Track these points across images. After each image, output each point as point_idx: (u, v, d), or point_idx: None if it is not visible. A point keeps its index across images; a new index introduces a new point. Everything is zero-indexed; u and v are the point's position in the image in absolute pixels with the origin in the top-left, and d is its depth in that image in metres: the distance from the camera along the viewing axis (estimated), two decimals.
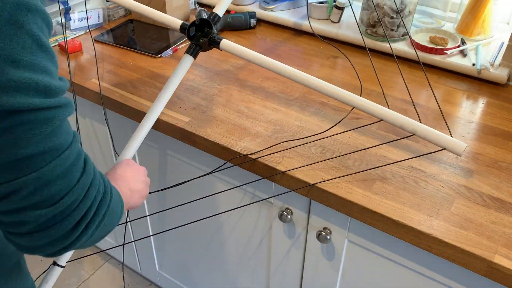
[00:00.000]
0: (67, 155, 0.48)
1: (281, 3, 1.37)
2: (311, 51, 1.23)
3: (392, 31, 1.18)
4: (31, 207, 0.47)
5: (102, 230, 0.55)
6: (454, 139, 0.73)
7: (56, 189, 0.47)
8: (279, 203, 0.95)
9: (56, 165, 0.47)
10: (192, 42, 0.85)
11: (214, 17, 0.88)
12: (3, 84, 0.42)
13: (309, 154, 0.87)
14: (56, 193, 0.47)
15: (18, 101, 0.42)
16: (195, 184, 1.11)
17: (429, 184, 0.80)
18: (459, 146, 0.72)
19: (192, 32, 0.85)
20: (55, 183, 0.47)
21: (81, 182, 0.50)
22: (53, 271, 0.84)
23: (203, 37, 0.84)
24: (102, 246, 1.68)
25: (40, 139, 0.45)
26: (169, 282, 1.49)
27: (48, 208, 0.47)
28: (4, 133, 0.43)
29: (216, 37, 0.84)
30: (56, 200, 0.47)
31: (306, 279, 1.02)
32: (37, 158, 0.45)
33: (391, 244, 0.82)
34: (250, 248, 1.12)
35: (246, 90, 1.06)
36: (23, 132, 0.44)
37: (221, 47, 0.84)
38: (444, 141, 0.73)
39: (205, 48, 0.86)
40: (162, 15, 0.98)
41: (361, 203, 0.77)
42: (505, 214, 0.74)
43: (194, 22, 0.85)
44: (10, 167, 0.45)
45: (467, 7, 1.17)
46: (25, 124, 0.44)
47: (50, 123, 0.46)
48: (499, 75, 1.06)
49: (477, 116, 0.98)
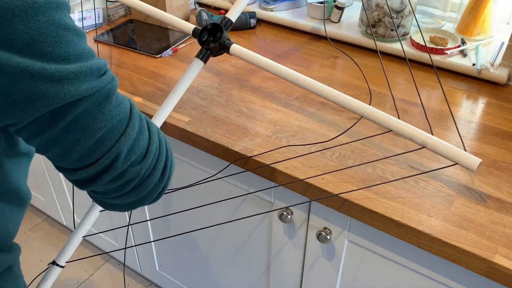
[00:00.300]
0: (135, 114, 0.54)
1: (281, 3, 1.37)
2: (311, 51, 1.23)
3: (392, 31, 1.18)
4: (131, 165, 0.54)
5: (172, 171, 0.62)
6: (468, 153, 0.68)
7: (142, 143, 0.54)
8: (279, 203, 0.95)
9: (133, 123, 0.53)
10: (203, 47, 0.85)
11: (226, 22, 0.88)
12: (65, 78, 0.45)
13: (309, 154, 0.87)
14: (143, 146, 0.55)
15: (83, 88, 0.46)
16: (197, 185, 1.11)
17: (429, 184, 0.80)
18: (472, 162, 0.68)
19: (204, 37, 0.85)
20: (138, 139, 0.54)
21: (152, 131, 0.57)
22: (52, 271, 0.84)
23: (214, 42, 0.84)
24: (106, 249, 1.68)
25: (113, 112, 0.51)
26: (169, 282, 1.49)
27: (143, 161, 0.55)
28: (82, 118, 0.48)
29: (227, 42, 0.84)
30: (145, 151, 0.55)
31: (306, 279, 1.02)
32: (117, 125, 0.51)
33: (391, 244, 0.82)
34: (250, 248, 1.12)
35: (246, 90, 1.06)
36: (98, 112, 0.49)
37: (231, 51, 0.84)
38: (457, 155, 0.68)
39: (215, 53, 0.86)
40: (174, 18, 0.98)
41: (361, 203, 0.77)
42: (505, 214, 0.74)
43: (206, 27, 0.85)
44: (100, 142, 0.51)
45: (467, 7, 1.17)
46: (97, 105, 0.49)
47: (112, 95, 0.51)
48: (499, 75, 1.06)
49: (477, 116, 0.98)
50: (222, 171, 1.02)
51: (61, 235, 1.89)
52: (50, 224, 1.94)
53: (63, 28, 0.45)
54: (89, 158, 0.51)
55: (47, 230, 1.91)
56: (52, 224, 1.94)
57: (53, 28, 0.44)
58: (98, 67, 0.49)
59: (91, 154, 0.51)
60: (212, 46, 0.84)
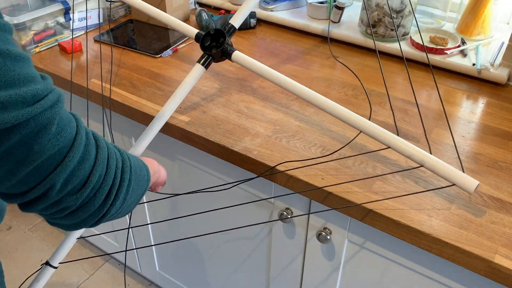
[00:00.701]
0: (79, 141, 0.51)
1: (281, 3, 1.37)
2: (311, 51, 1.23)
3: (392, 31, 1.18)
4: (67, 195, 0.52)
5: (133, 194, 0.61)
6: (465, 175, 0.68)
7: (82, 173, 0.52)
8: (279, 203, 0.95)
9: (73, 154, 0.50)
10: (205, 53, 0.85)
11: (230, 28, 0.88)
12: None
13: (309, 154, 0.87)
14: (83, 175, 0.52)
15: (11, 116, 0.43)
16: (195, 184, 1.11)
17: (429, 184, 0.80)
18: (470, 184, 0.67)
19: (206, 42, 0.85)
20: (79, 169, 0.51)
21: (99, 157, 0.54)
22: (45, 271, 0.83)
23: (216, 48, 0.84)
24: (106, 249, 1.68)
25: (52, 142, 0.48)
26: (169, 282, 1.49)
27: (81, 190, 0.52)
28: (17, 148, 0.45)
29: (229, 49, 0.83)
30: (85, 181, 0.53)
31: (306, 279, 1.02)
32: (55, 156, 0.48)
33: (391, 244, 0.82)
34: (250, 248, 1.12)
35: (246, 90, 1.06)
36: (34, 142, 0.46)
37: (233, 59, 0.83)
38: (454, 176, 0.68)
39: (217, 59, 0.85)
40: (178, 22, 0.98)
41: (361, 203, 0.77)
42: (505, 214, 0.74)
43: (209, 32, 0.85)
44: (35, 172, 0.48)
45: (467, 7, 1.17)
46: (33, 135, 0.46)
47: (51, 124, 0.47)
48: (499, 75, 1.06)
49: (477, 116, 0.98)
50: (223, 172, 1.02)
51: (61, 235, 1.89)
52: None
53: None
54: (23, 186, 0.49)
55: (47, 230, 1.91)
56: None
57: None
58: (33, 94, 0.45)
59: (25, 183, 0.49)
60: (214, 52, 0.84)
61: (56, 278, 1.71)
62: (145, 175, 0.65)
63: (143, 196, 0.66)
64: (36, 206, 0.51)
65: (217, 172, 1.03)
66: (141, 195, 0.64)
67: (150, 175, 0.67)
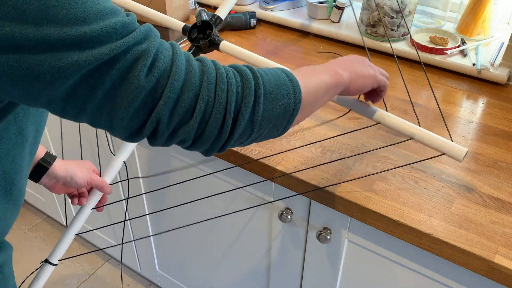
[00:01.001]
0: (177, 70, 0.48)
1: (281, 3, 1.37)
2: (311, 51, 1.23)
3: (392, 31, 1.18)
4: (178, 127, 0.50)
5: (266, 116, 0.54)
6: (454, 144, 0.70)
7: (186, 103, 0.49)
8: (279, 203, 0.95)
9: (172, 84, 0.48)
10: (193, 44, 0.85)
11: (216, 19, 0.88)
12: (85, 41, 0.42)
13: (309, 154, 0.87)
14: (188, 105, 0.49)
15: (106, 48, 0.43)
16: (195, 184, 1.11)
17: (429, 184, 0.80)
18: (459, 152, 0.69)
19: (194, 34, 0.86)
20: (182, 99, 0.49)
21: (204, 84, 0.50)
22: (45, 269, 0.84)
23: (203, 39, 0.84)
24: (100, 244, 1.68)
25: (148, 73, 0.46)
26: (169, 282, 1.49)
27: (190, 122, 0.50)
28: (118, 85, 0.45)
29: (216, 39, 0.84)
30: (192, 111, 0.49)
31: (306, 279, 1.02)
32: (155, 88, 0.47)
33: (391, 244, 0.82)
34: (250, 248, 1.12)
35: None
36: (131, 75, 0.45)
37: (220, 48, 0.84)
38: (444, 146, 0.70)
39: (205, 50, 0.86)
40: (164, 17, 0.98)
41: (361, 203, 0.77)
42: (505, 214, 0.74)
43: (196, 24, 0.85)
44: (142, 107, 0.47)
45: (467, 7, 1.17)
46: (129, 69, 0.45)
47: (147, 54, 0.46)
48: (499, 75, 1.06)
49: (477, 116, 0.98)
50: (223, 172, 1.02)
51: (61, 235, 1.89)
52: (50, 224, 1.94)
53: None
54: (136, 123, 0.49)
55: (47, 230, 1.91)
56: (52, 224, 1.94)
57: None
58: (123, 24, 0.45)
59: (137, 119, 0.48)
60: (202, 43, 0.84)
61: (56, 278, 1.71)
62: (287, 94, 0.55)
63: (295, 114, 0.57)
64: (156, 141, 0.51)
65: (217, 172, 1.03)
66: (285, 116, 0.56)
67: (299, 91, 0.56)
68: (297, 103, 0.56)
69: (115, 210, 1.43)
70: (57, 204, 1.71)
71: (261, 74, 0.54)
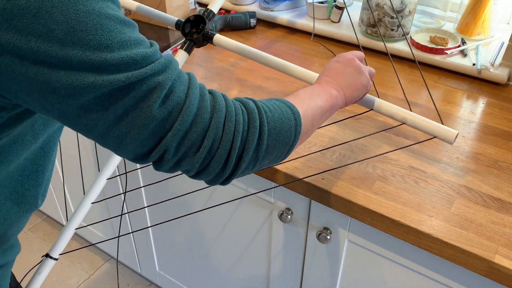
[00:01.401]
0: (188, 105, 0.50)
1: (281, 3, 1.37)
2: (311, 51, 1.23)
3: (392, 31, 1.18)
4: (183, 158, 0.52)
5: (269, 150, 0.56)
6: (445, 127, 0.69)
7: (194, 137, 0.51)
8: (279, 203, 0.95)
9: (184, 117, 0.49)
10: (187, 38, 0.86)
11: (209, 13, 0.88)
12: (104, 66, 0.44)
13: (308, 153, 0.87)
14: (196, 139, 0.51)
15: (123, 76, 0.45)
16: (195, 184, 1.11)
17: (429, 184, 0.80)
18: (449, 134, 0.69)
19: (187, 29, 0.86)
20: (191, 132, 0.50)
21: (214, 121, 0.52)
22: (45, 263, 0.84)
23: (197, 33, 0.85)
24: (105, 247, 1.68)
25: (161, 104, 0.48)
26: (169, 282, 1.49)
27: (196, 154, 0.52)
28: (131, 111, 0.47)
29: (210, 33, 0.85)
30: (199, 145, 0.51)
31: (306, 279, 1.02)
32: (167, 119, 0.49)
33: (391, 244, 0.82)
34: (250, 248, 1.12)
35: (246, 90, 1.06)
36: (144, 104, 0.47)
37: (214, 42, 0.85)
38: (435, 129, 0.70)
39: (199, 44, 0.87)
40: (157, 12, 0.98)
41: (361, 203, 0.77)
42: (505, 214, 0.74)
43: (189, 19, 0.86)
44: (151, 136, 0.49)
45: (467, 7, 1.17)
46: (143, 98, 0.47)
47: (162, 86, 0.48)
48: (499, 75, 1.06)
49: (477, 116, 0.98)
50: None
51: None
52: (50, 224, 1.94)
53: (104, 17, 0.45)
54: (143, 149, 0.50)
55: (47, 230, 1.91)
56: (52, 224, 1.94)
57: (93, 17, 0.44)
58: (143, 56, 0.47)
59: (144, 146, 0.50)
60: (196, 37, 0.84)
61: (56, 278, 1.71)
62: (289, 128, 0.57)
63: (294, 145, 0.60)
64: (161, 167, 0.53)
65: None
66: (286, 147, 0.58)
67: (299, 124, 0.59)
68: (297, 135, 0.59)
69: (114, 207, 1.43)
70: (57, 204, 1.71)
71: (265, 110, 0.56)
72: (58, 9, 0.42)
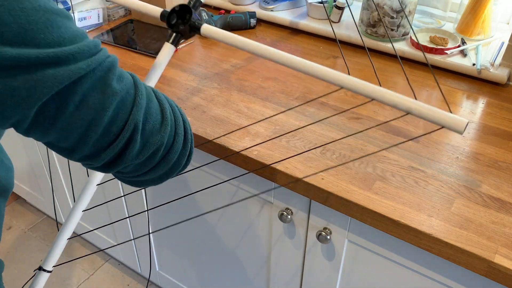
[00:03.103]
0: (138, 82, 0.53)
1: (281, 3, 1.37)
2: (311, 51, 1.23)
3: (392, 31, 1.18)
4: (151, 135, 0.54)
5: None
6: (453, 115, 0.64)
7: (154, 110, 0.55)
8: (279, 203, 0.95)
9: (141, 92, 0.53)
10: (173, 30, 0.83)
11: (195, 2, 0.85)
12: (63, 59, 0.44)
13: (309, 153, 0.87)
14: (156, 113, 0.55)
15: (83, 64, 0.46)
16: (195, 184, 1.11)
17: (429, 184, 0.80)
18: (459, 123, 0.63)
19: (173, 20, 0.83)
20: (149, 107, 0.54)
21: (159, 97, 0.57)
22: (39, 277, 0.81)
23: (183, 24, 0.82)
24: (100, 244, 1.68)
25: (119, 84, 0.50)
26: (169, 282, 1.49)
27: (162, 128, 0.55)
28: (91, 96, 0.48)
29: (197, 23, 0.81)
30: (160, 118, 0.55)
31: (306, 279, 1.02)
32: (126, 97, 0.51)
33: (391, 244, 0.82)
34: (250, 248, 1.12)
35: (246, 90, 1.06)
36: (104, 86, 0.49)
37: (202, 32, 0.80)
38: (443, 118, 0.64)
39: (186, 36, 0.83)
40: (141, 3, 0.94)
41: (361, 203, 0.77)
42: (505, 214, 0.74)
43: (174, 9, 0.82)
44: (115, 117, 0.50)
45: (467, 7, 1.17)
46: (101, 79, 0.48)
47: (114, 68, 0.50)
48: (499, 75, 1.06)
49: (477, 116, 0.98)
50: (221, 170, 1.02)
51: None
52: (50, 224, 1.94)
53: (50, 13, 0.44)
54: (108, 137, 0.51)
55: (47, 230, 1.91)
56: (52, 224, 1.94)
57: (41, 14, 0.43)
58: (94, 44, 0.48)
59: (109, 132, 0.50)
60: (182, 28, 0.81)
61: (56, 278, 1.71)
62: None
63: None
64: (126, 157, 0.53)
65: (217, 172, 1.03)
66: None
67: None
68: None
69: (114, 210, 1.43)
70: (57, 204, 1.71)
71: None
72: (5, 8, 0.41)
